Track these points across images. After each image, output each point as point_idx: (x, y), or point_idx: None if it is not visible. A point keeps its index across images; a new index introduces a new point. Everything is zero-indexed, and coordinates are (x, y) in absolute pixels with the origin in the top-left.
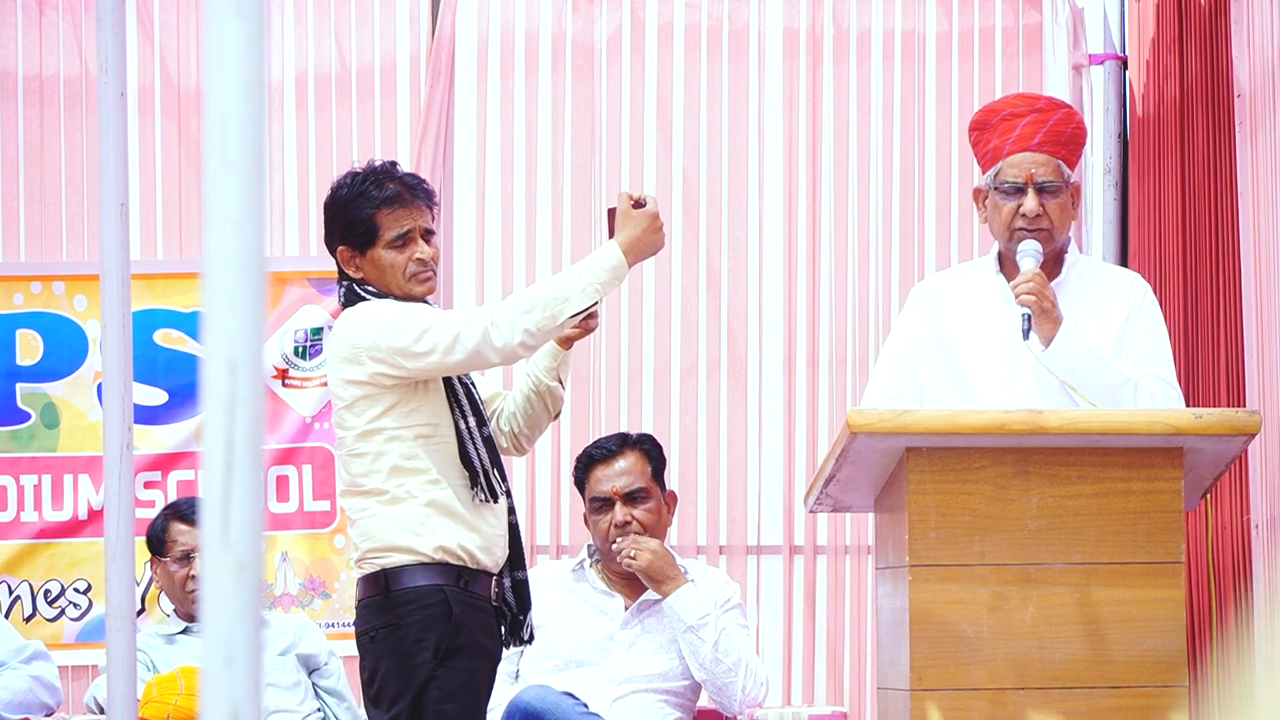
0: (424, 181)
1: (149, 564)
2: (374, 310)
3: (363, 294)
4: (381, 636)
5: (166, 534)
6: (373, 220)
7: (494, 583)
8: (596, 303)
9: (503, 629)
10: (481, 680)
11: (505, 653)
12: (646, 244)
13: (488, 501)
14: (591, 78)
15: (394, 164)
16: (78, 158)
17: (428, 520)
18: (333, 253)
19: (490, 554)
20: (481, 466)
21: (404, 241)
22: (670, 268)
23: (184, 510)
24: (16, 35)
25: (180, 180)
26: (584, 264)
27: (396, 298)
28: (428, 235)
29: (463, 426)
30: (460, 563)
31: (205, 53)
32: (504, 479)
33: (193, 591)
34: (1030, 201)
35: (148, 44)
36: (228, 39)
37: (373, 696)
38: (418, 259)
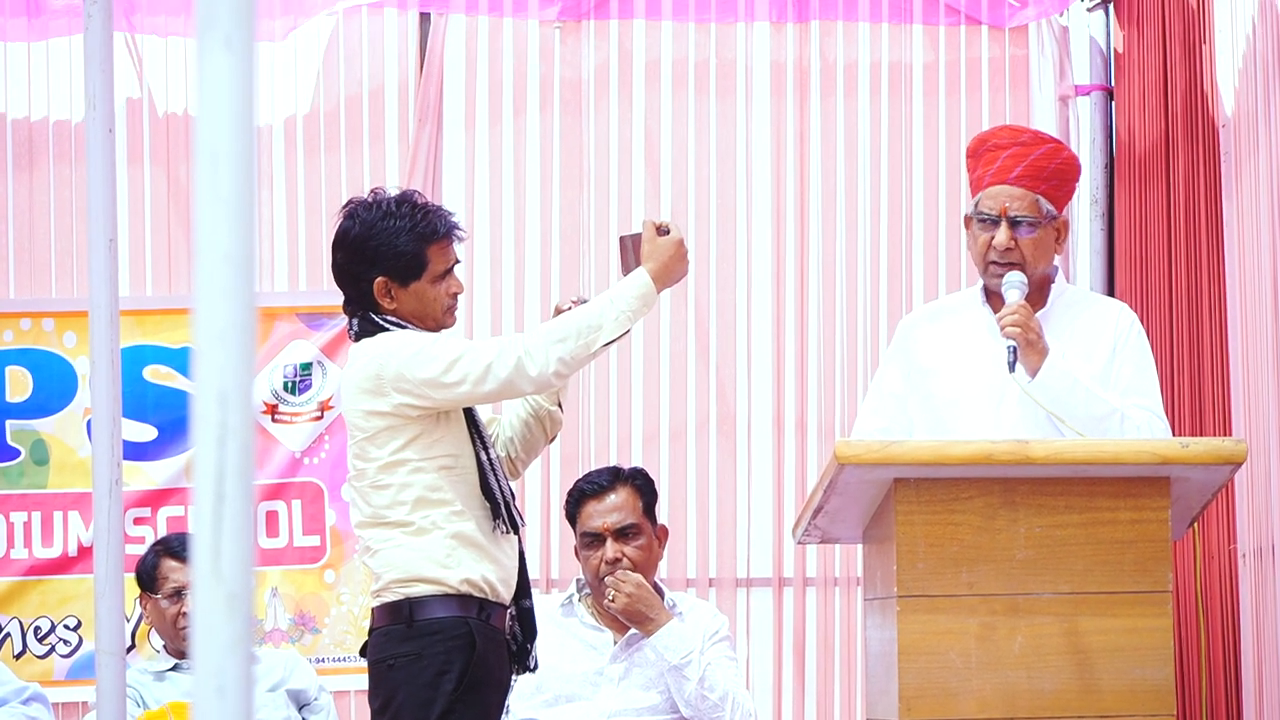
0: (453, 214)
1: (139, 600)
2: (397, 341)
3: (383, 324)
4: (401, 665)
5: (157, 570)
6: (423, 254)
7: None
8: (628, 330)
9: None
10: (494, 715)
11: None
12: (674, 271)
13: (508, 533)
14: (579, 112)
15: (416, 193)
16: (67, 194)
17: (453, 552)
18: (354, 283)
19: (508, 586)
20: (503, 498)
21: (445, 275)
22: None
23: (174, 546)
24: (5, 74)
25: (169, 217)
26: (615, 292)
27: (429, 329)
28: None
29: (484, 458)
30: (483, 595)
31: (195, 87)
32: None
33: (184, 628)
34: (1000, 235)
35: (135, 82)
36: (218, 73)
37: None
38: (453, 293)
